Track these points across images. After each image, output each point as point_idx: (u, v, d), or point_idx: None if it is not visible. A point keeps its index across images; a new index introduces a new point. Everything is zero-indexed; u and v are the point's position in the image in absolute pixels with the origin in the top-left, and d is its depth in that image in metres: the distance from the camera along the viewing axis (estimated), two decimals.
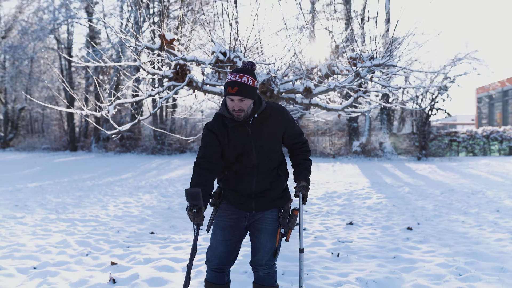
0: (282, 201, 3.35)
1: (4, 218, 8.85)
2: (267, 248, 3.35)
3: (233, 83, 3.03)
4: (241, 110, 3.09)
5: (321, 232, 7.67)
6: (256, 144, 3.21)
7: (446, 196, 12.25)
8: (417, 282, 4.54)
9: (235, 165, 3.27)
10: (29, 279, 4.90)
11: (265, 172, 3.26)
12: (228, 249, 3.35)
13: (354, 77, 7.27)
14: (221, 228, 3.34)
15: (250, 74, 3.10)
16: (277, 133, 3.28)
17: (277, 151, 3.33)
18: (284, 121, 3.31)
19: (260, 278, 3.45)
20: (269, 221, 3.34)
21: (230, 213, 3.35)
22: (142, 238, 7.21)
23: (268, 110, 3.25)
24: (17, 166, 24.59)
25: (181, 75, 7.54)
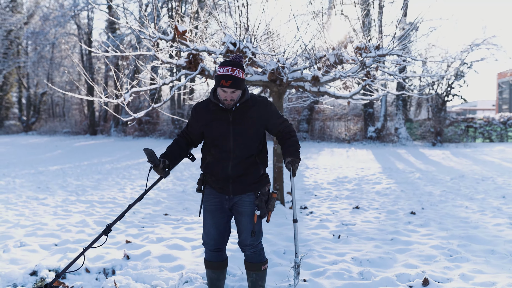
0: (258, 185, 3.57)
1: (27, 199, 9.37)
2: (248, 229, 3.58)
3: (226, 77, 3.27)
4: (232, 99, 3.37)
5: (327, 215, 7.99)
6: (234, 130, 3.44)
7: (455, 182, 12.44)
8: (408, 262, 4.85)
9: (213, 149, 3.53)
10: (50, 255, 5.34)
11: (241, 158, 3.48)
12: (219, 230, 3.63)
13: (360, 67, 7.51)
14: (209, 212, 3.62)
15: (241, 67, 3.35)
16: (257, 124, 3.50)
17: (255, 141, 3.53)
18: (266, 113, 3.54)
19: (248, 257, 3.69)
20: (247, 204, 3.56)
21: (214, 197, 3.60)
22: (156, 219, 7.63)
23: (251, 102, 3.50)
24: (39, 149, 25.32)
25: (194, 64, 7.87)
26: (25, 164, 17.23)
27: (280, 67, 7.81)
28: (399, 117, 28.95)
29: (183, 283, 4.19)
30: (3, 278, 4.40)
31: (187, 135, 3.70)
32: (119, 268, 4.82)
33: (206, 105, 3.55)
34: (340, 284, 4.11)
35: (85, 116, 40.00)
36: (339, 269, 4.52)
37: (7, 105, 44.76)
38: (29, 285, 4.32)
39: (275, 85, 8.14)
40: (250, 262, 3.69)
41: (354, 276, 4.35)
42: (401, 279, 4.24)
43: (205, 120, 3.53)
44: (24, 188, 11.05)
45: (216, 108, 3.48)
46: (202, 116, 3.55)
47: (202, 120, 3.55)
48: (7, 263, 4.94)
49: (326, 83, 8.09)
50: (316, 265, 4.76)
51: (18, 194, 9.97)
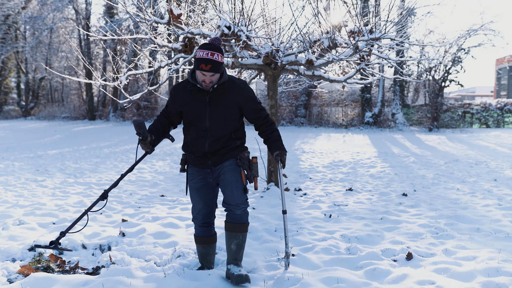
0: (235, 152, 3.70)
1: (26, 181, 9.52)
2: (233, 181, 3.62)
3: (206, 61, 3.37)
4: (211, 82, 3.50)
5: (320, 197, 8.14)
6: (210, 110, 3.57)
7: (449, 166, 12.60)
8: (395, 239, 5.00)
9: (191, 129, 3.67)
10: (48, 232, 5.49)
11: (217, 136, 3.61)
12: (207, 205, 3.78)
13: (353, 51, 7.60)
14: (194, 189, 3.76)
15: (220, 51, 3.44)
16: (233, 105, 3.63)
17: (231, 121, 3.65)
18: (242, 97, 3.65)
19: (237, 217, 3.65)
20: (227, 164, 3.67)
21: (197, 174, 3.74)
22: (153, 200, 7.78)
23: (228, 84, 3.61)
24: (38, 134, 25.44)
25: (189, 48, 7.95)
26: (24, 148, 17.36)
27: (275, 50, 7.90)
28: (396, 103, 29.05)
29: (176, 258, 4.34)
30: (2, 253, 4.55)
31: (166, 115, 3.85)
32: (114, 245, 4.97)
33: (184, 86, 3.67)
34: (327, 259, 4.26)
35: (84, 101, 40.03)
36: (327, 245, 4.67)
37: (5, 90, 44.72)
38: (28, 259, 4.47)
39: (270, 68, 8.24)
40: (237, 223, 3.67)
41: (341, 252, 4.50)
42: (386, 254, 4.39)
43: (182, 101, 3.66)
44: (23, 170, 11.19)
45: (194, 88, 3.59)
46: (180, 97, 3.68)
47: (180, 101, 3.68)
48: (6, 239, 5.09)
49: (320, 67, 8.19)
50: (305, 242, 4.91)
51: (17, 177, 10.12)
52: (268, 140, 3.78)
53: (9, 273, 4.03)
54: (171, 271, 3.81)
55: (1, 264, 4.14)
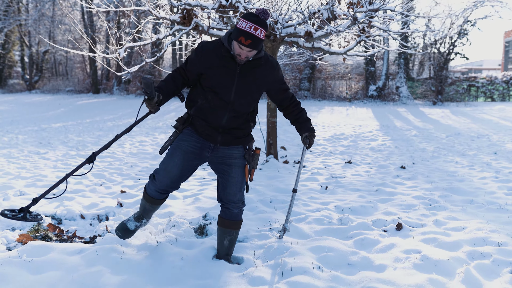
0: (246, 139, 3.47)
1: (29, 154, 9.63)
2: (238, 182, 3.42)
3: (247, 35, 3.04)
4: (247, 57, 3.18)
5: (319, 169, 8.21)
6: (238, 82, 3.25)
7: (450, 139, 12.61)
8: (388, 210, 5.07)
9: (211, 95, 3.29)
10: (48, 203, 5.59)
11: (238, 112, 3.33)
12: (182, 174, 3.42)
13: (352, 22, 7.54)
14: (182, 151, 3.36)
15: (265, 26, 3.10)
16: (262, 83, 3.36)
17: (254, 99, 3.40)
18: (273, 76, 3.40)
19: (234, 215, 3.49)
20: (237, 156, 3.43)
21: (195, 140, 3.38)
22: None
23: (262, 60, 3.32)
24: (42, 107, 25.54)
25: (188, 20, 7.92)
26: (29, 122, 17.48)
27: (273, 22, 7.85)
28: (401, 76, 28.84)
29: (170, 227, 4.43)
30: (2, 223, 4.66)
31: (184, 73, 3.40)
32: (112, 215, 5.07)
33: (215, 48, 3.28)
34: (318, 229, 4.34)
35: (88, 74, 39.98)
36: (320, 216, 4.75)
37: (9, 63, 44.69)
38: (27, 228, 4.58)
39: (269, 40, 8.20)
40: (233, 221, 3.51)
41: (333, 222, 4.58)
42: (377, 224, 4.47)
43: (209, 62, 3.26)
44: (27, 143, 11.31)
45: (227, 54, 3.24)
46: (208, 58, 3.27)
47: (206, 62, 3.27)
48: None
49: (319, 39, 8.15)
50: (299, 212, 4.99)
51: (20, 149, 10.23)
52: (297, 121, 3.62)
53: (8, 242, 4.14)
54: (164, 239, 3.91)
55: (0, 233, 4.25)
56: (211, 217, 4.74)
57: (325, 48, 8.72)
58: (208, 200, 5.58)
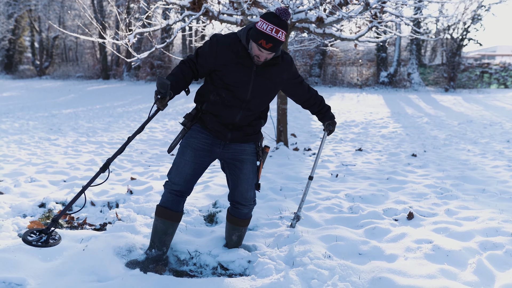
0: (256, 137, 3.37)
1: (40, 140, 9.68)
2: (250, 179, 3.32)
3: (268, 38, 2.90)
4: (266, 59, 3.07)
5: (329, 156, 8.17)
6: (255, 81, 3.13)
7: (462, 127, 12.48)
8: (399, 199, 5.03)
9: (225, 92, 3.16)
10: (59, 190, 5.63)
11: (252, 110, 3.23)
12: (195, 172, 3.25)
13: (364, 8, 7.43)
14: (192, 149, 3.24)
15: (286, 28, 2.97)
16: (278, 82, 3.27)
17: (270, 98, 3.31)
18: (287, 73, 3.31)
19: (244, 214, 3.42)
20: (249, 152, 3.33)
21: (205, 136, 3.27)
22: (162, 159, 7.88)
23: (279, 59, 3.18)
24: (53, 93, 25.64)
25: (197, 5, 7.85)
26: (39, 108, 17.56)
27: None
28: (413, 62, 28.51)
29: None
30: (14, 209, 4.69)
31: (194, 66, 3.20)
32: (122, 202, 5.08)
33: (231, 43, 3.12)
34: (329, 217, 4.32)
35: (98, 60, 40.01)
36: (330, 204, 4.73)
37: (20, 49, 44.83)
38: (38, 215, 4.60)
39: None
40: (243, 219, 3.45)
41: (344, 211, 4.55)
42: (388, 213, 4.43)
43: (225, 59, 3.11)
44: (37, 129, 11.36)
45: (244, 53, 3.09)
46: (224, 55, 3.11)
47: (222, 59, 3.11)
48: (18, 196, 5.24)
49: (330, 25, 8.05)
50: (309, 201, 4.97)
51: (31, 135, 10.29)
52: (320, 112, 3.68)
53: (20, 228, 4.16)
54: None
55: (12, 220, 4.27)
56: (221, 205, 4.74)
57: (336, 34, 8.62)
58: (218, 187, 5.57)
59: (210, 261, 3.38)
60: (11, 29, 42.63)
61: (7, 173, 6.49)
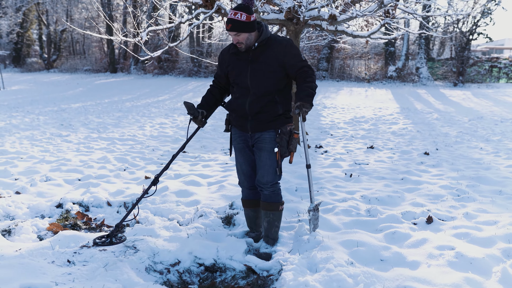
0: (277, 123, 3.56)
1: (51, 136, 9.71)
2: (267, 166, 3.56)
3: (228, 20, 3.39)
4: (240, 42, 3.47)
5: (341, 154, 8.14)
6: (251, 67, 3.53)
7: (473, 124, 12.40)
8: (416, 200, 5.01)
9: (235, 87, 3.65)
10: (74, 189, 5.65)
11: (258, 95, 3.54)
12: (252, 167, 3.75)
13: (378, 6, 7.38)
14: (238, 150, 3.76)
15: (245, 10, 3.37)
16: (273, 62, 3.52)
17: (272, 79, 3.53)
18: (284, 54, 3.51)
19: (266, 196, 3.66)
20: (267, 140, 3.57)
21: (239, 135, 3.73)
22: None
23: (270, 41, 3.54)
24: (61, 87, 25.69)
25: (210, 2, 7.81)
26: (48, 102, 17.59)
27: (297, 5, 7.71)
28: (421, 56, 28.34)
29: (198, 217, 4.43)
30: (32, 210, 4.71)
31: (217, 81, 3.85)
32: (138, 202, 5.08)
33: (229, 49, 3.69)
34: (347, 220, 4.31)
35: (105, 53, 40.03)
36: (347, 206, 4.71)
37: (28, 42, 44.95)
38: (55, 216, 4.62)
39: (292, 23, 8.07)
40: (268, 202, 3.68)
41: (362, 213, 4.54)
42: (406, 216, 4.41)
43: (227, 62, 3.67)
44: (48, 125, 11.39)
45: (237, 50, 3.59)
46: (226, 59, 3.69)
47: (225, 63, 3.69)
48: (35, 196, 5.26)
49: (343, 22, 7.99)
50: (326, 202, 4.96)
51: (42, 131, 10.32)
52: (297, 89, 3.52)
53: (39, 230, 4.18)
54: (193, 231, 3.91)
55: (31, 221, 4.29)
56: (237, 206, 4.73)
57: (348, 31, 8.56)
58: (233, 187, 5.56)
59: (235, 265, 3.38)
60: (19, 23, 42.72)
61: (22, 171, 6.53)
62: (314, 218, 3.73)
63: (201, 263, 3.41)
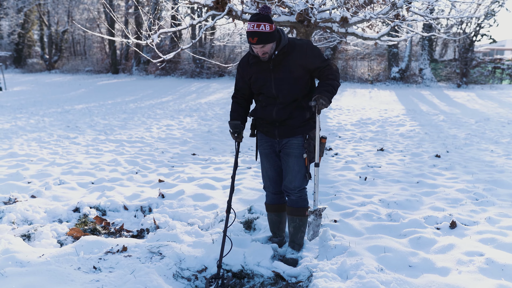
0: (304, 129, 3.55)
1: (59, 138, 9.66)
2: (294, 171, 3.54)
3: (252, 34, 3.24)
4: (265, 53, 3.37)
5: (352, 157, 8.11)
6: (275, 76, 3.46)
7: (480, 125, 12.37)
8: (435, 204, 4.97)
9: (260, 97, 3.61)
10: (89, 192, 5.61)
11: (284, 103, 3.50)
12: (276, 173, 3.72)
13: (390, 8, 7.34)
14: (264, 156, 3.72)
15: (267, 20, 3.25)
16: (297, 69, 3.44)
17: (298, 85, 3.48)
18: (305, 57, 3.43)
19: (292, 201, 3.63)
20: (294, 146, 3.54)
21: (265, 141, 3.70)
22: (185, 159, 7.84)
23: (290, 47, 3.44)
24: (63, 88, 25.64)
25: (221, 4, 7.77)
26: (51, 103, 17.55)
27: (309, 7, 7.68)
28: (424, 58, 28.31)
29: (218, 222, 4.38)
30: (49, 214, 4.67)
31: (239, 93, 3.77)
32: (155, 206, 5.05)
33: (247, 60, 3.60)
34: (369, 225, 4.27)
35: (107, 54, 39.95)
36: (367, 211, 4.67)
37: (29, 43, 44.88)
38: (73, 220, 4.58)
39: (303, 26, 8.04)
40: (294, 207, 3.64)
41: (383, 218, 4.50)
42: (429, 221, 4.37)
43: (248, 73, 3.58)
44: (54, 127, 11.35)
45: (257, 60, 3.50)
46: (246, 71, 3.60)
47: (247, 74, 3.60)
48: (51, 199, 5.22)
49: (354, 24, 7.96)
50: (345, 206, 4.92)
51: (49, 133, 10.27)
52: (318, 85, 3.48)
53: (59, 235, 4.14)
54: (217, 236, 3.86)
55: (50, 226, 4.25)
56: (257, 211, 4.69)
57: (358, 33, 8.54)
58: (250, 191, 5.53)
59: (262, 272, 3.34)
60: (21, 23, 42.67)
61: (34, 174, 6.49)
62: (315, 225, 3.62)
63: (228, 270, 3.37)
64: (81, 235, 4.02)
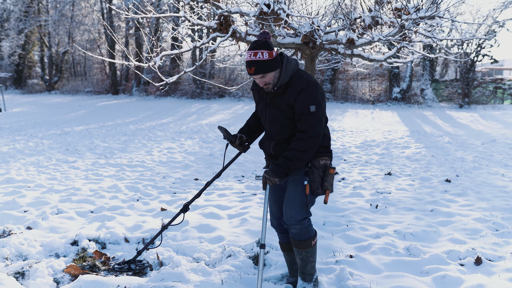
0: None
1: (58, 162, 9.41)
2: (291, 198, 3.21)
3: (249, 63, 3.01)
4: (267, 83, 3.11)
5: (360, 182, 7.85)
6: (269, 113, 3.22)
7: (487, 147, 12.15)
8: (454, 236, 4.70)
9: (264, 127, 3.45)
10: (88, 223, 5.33)
11: (279, 140, 3.25)
12: (280, 208, 3.39)
13: (399, 30, 7.18)
14: (269, 189, 3.41)
15: (265, 47, 3.00)
16: (288, 109, 3.15)
17: (288, 125, 3.19)
18: (296, 98, 3.09)
19: (294, 234, 3.27)
20: (295, 173, 3.23)
21: None
22: (187, 184, 7.58)
23: (289, 82, 3.14)
24: (63, 109, 25.48)
25: (225, 26, 7.61)
26: (51, 124, 17.34)
27: (315, 29, 7.51)
28: (426, 78, 28.23)
29: (226, 257, 4.11)
30: (45, 248, 4.40)
31: (255, 114, 3.63)
32: (158, 239, 4.77)
33: (256, 84, 3.36)
34: (387, 261, 4.00)
35: (107, 75, 39.92)
36: (383, 244, 4.40)
37: (29, 64, 44.94)
38: (71, 255, 4.30)
39: (308, 47, 7.87)
40: (297, 240, 3.27)
41: (401, 252, 4.22)
42: (451, 256, 4.10)
43: (256, 98, 3.42)
44: (53, 150, 11.10)
45: (261, 88, 3.30)
46: (255, 94, 3.42)
47: (255, 98, 3.44)
48: (47, 231, 4.94)
49: (361, 46, 7.79)
50: (359, 238, 4.65)
51: (48, 157, 10.02)
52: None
53: (55, 272, 3.86)
54: (226, 275, 3.58)
55: (46, 261, 3.97)
56: (266, 244, 4.42)
57: (364, 55, 8.37)
58: (256, 221, 5.26)
59: None
60: (21, 44, 42.76)
61: (30, 202, 6.22)
62: None
63: None
64: (79, 273, 3.74)
